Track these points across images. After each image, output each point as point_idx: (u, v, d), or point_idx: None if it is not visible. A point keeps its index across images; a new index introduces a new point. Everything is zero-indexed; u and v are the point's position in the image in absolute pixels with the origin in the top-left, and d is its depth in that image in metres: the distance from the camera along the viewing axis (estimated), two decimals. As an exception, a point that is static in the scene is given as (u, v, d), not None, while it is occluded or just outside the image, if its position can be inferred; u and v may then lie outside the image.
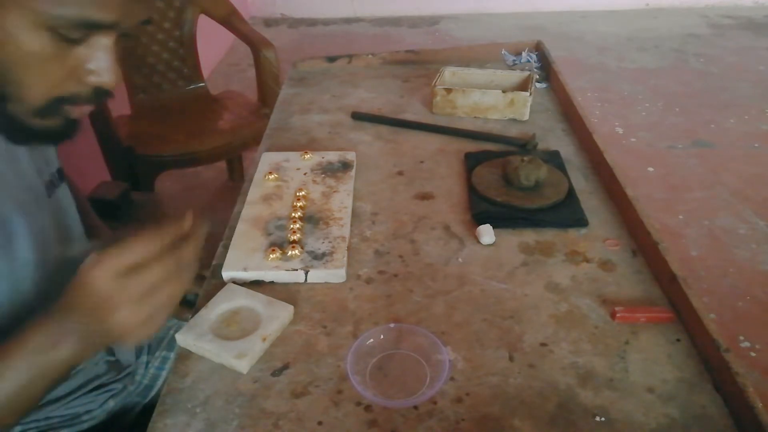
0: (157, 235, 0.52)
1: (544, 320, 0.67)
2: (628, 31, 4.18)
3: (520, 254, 0.78)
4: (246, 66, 3.51)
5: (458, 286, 0.73)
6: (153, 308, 0.52)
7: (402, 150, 1.04)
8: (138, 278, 0.51)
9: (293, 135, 1.10)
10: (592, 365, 0.62)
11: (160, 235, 0.52)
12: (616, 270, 0.75)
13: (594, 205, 0.87)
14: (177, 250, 0.53)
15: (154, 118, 2.03)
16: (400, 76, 1.34)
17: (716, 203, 2.28)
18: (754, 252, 2.02)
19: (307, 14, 4.64)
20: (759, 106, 3.02)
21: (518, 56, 1.35)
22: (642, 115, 2.99)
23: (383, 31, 4.36)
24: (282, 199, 0.86)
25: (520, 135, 1.07)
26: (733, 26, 4.26)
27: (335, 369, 0.62)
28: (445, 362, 0.61)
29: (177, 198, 2.39)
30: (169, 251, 0.52)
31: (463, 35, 4.18)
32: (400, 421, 0.56)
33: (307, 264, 0.74)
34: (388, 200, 0.90)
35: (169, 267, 0.52)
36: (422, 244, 0.80)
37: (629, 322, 0.66)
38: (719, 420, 0.56)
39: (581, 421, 0.56)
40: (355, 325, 0.67)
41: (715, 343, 0.59)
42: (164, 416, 0.57)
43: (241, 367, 0.61)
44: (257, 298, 0.68)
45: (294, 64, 1.38)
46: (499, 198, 0.86)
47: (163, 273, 0.52)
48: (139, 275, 0.51)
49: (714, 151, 2.65)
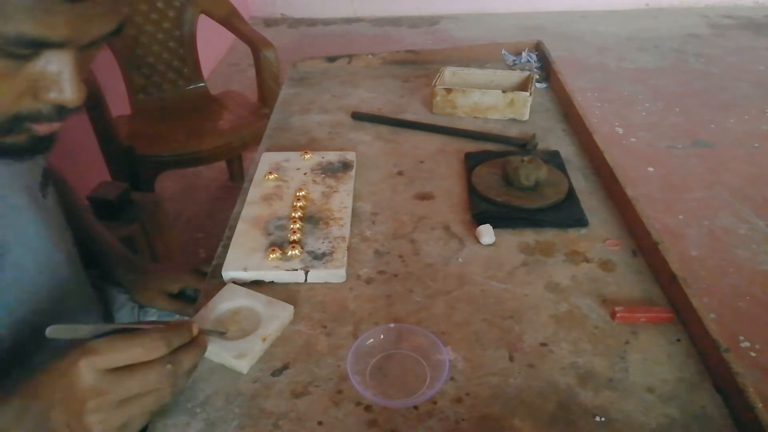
0: (163, 341, 0.48)
1: (544, 320, 0.67)
2: (628, 31, 4.18)
3: (520, 254, 0.78)
4: (246, 66, 3.51)
5: (458, 286, 0.73)
6: (130, 416, 0.48)
7: (402, 150, 1.04)
8: (127, 381, 0.47)
9: (293, 135, 1.10)
10: (592, 365, 0.62)
11: (166, 342, 0.49)
12: (616, 270, 0.75)
13: (594, 205, 0.87)
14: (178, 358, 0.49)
15: (154, 118, 2.04)
16: (400, 76, 1.34)
17: (716, 203, 2.28)
18: (754, 252, 2.02)
19: (307, 14, 4.64)
20: (759, 106, 3.02)
21: (518, 56, 1.35)
22: (642, 115, 3.00)
23: (383, 31, 4.37)
24: (282, 199, 0.86)
25: (520, 135, 1.07)
26: (733, 26, 4.26)
27: (335, 369, 0.62)
28: (445, 362, 0.61)
29: (177, 198, 2.39)
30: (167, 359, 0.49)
31: (463, 35, 4.18)
32: (400, 421, 0.56)
33: (307, 264, 0.74)
34: (388, 200, 0.90)
35: (161, 378, 0.48)
36: (422, 244, 0.80)
37: (629, 322, 0.66)
38: (719, 420, 0.56)
39: (581, 421, 0.56)
40: (355, 325, 0.67)
41: (715, 343, 0.59)
42: (164, 416, 0.57)
43: (241, 367, 0.61)
44: (257, 298, 0.68)
45: (294, 64, 1.38)
46: (499, 198, 0.86)
47: (155, 383, 0.48)
48: (130, 378, 0.47)
49: (714, 151, 2.65)
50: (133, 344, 0.47)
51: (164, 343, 0.48)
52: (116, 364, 0.47)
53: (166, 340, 0.49)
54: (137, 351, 0.47)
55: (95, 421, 0.46)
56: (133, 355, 0.47)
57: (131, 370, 0.47)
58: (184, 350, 0.51)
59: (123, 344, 0.47)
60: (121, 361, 0.47)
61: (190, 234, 2.18)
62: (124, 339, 0.48)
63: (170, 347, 0.49)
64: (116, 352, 0.47)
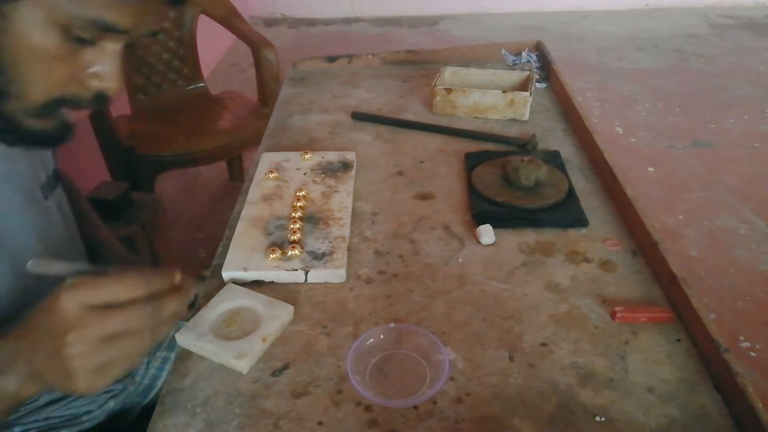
0: (143, 280, 0.48)
1: (544, 320, 0.67)
2: (628, 31, 4.18)
3: (520, 254, 0.78)
4: (246, 66, 3.51)
5: (458, 286, 0.73)
6: (110, 357, 0.47)
7: (402, 150, 1.04)
8: (108, 317, 0.46)
9: (293, 135, 1.10)
10: (592, 365, 0.62)
11: (147, 281, 0.48)
12: (616, 270, 0.75)
13: (594, 205, 0.87)
14: (159, 302, 0.49)
15: (154, 118, 2.03)
16: (400, 76, 1.34)
17: (716, 203, 2.28)
18: (754, 252, 2.02)
19: (307, 14, 4.64)
20: (759, 106, 3.02)
21: (518, 56, 1.35)
22: (642, 115, 2.99)
23: (383, 31, 4.37)
24: (282, 199, 0.86)
25: (520, 135, 1.07)
26: (733, 26, 4.26)
27: (335, 369, 0.62)
28: (445, 362, 0.61)
29: (177, 198, 2.39)
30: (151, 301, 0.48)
31: (463, 35, 4.18)
32: (400, 421, 0.56)
33: (307, 264, 0.74)
34: (388, 200, 0.90)
35: (144, 318, 0.48)
36: (422, 244, 0.80)
37: (629, 322, 0.66)
38: (719, 420, 0.56)
39: (581, 421, 0.56)
40: (355, 325, 0.67)
41: (715, 343, 0.59)
42: (164, 416, 0.57)
43: (241, 367, 0.61)
44: (257, 298, 0.68)
45: (294, 64, 1.38)
46: (499, 198, 0.86)
47: (136, 323, 0.47)
48: (110, 315, 0.46)
49: (714, 151, 2.65)
50: (114, 281, 0.48)
51: (144, 282, 0.48)
52: (97, 301, 0.47)
53: (147, 281, 0.49)
54: (119, 288, 0.47)
55: (75, 353, 0.46)
56: (115, 291, 0.47)
57: (112, 309, 0.47)
58: (166, 295, 0.50)
59: (104, 281, 0.48)
60: (101, 296, 0.47)
61: (190, 234, 2.18)
62: (106, 277, 0.48)
63: (150, 288, 0.49)
64: (98, 287, 0.47)
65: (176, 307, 0.51)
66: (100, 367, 0.47)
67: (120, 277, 0.48)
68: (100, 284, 0.47)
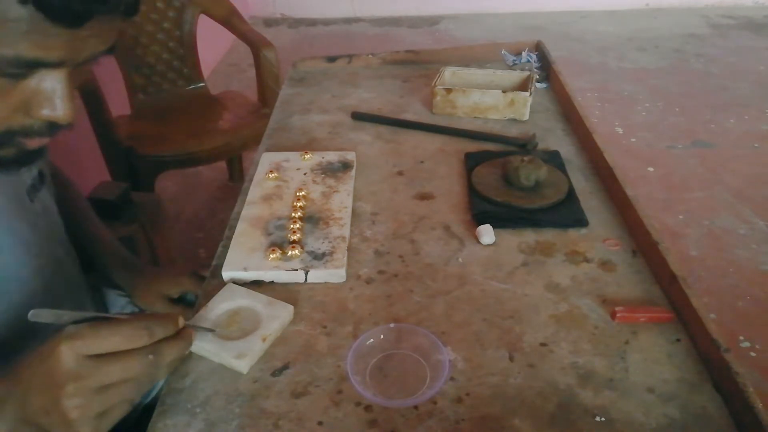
0: (144, 330, 0.48)
1: (544, 320, 0.67)
2: (628, 31, 4.18)
3: (520, 254, 0.78)
4: (246, 66, 3.51)
5: (458, 286, 0.73)
6: (109, 404, 0.47)
7: (402, 150, 1.04)
8: (108, 368, 0.46)
9: (293, 135, 1.10)
10: (592, 365, 0.62)
11: (149, 332, 0.48)
12: (616, 270, 0.75)
13: (594, 205, 0.87)
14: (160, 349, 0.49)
15: (154, 118, 2.03)
16: (400, 76, 1.34)
17: (716, 203, 2.28)
18: (754, 252, 2.02)
19: (307, 14, 4.64)
20: (759, 106, 3.02)
21: (518, 56, 1.35)
22: (642, 115, 3.00)
23: (383, 31, 4.37)
24: (282, 199, 0.86)
25: (520, 135, 1.07)
26: (733, 26, 4.27)
27: (335, 369, 0.62)
28: (445, 362, 0.61)
29: (177, 198, 2.39)
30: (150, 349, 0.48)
31: (463, 35, 4.18)
32: (400, 421, 0.56)
33: (307, 264, 0.74)
34: (388, 200, 0.90)
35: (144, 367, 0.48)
36: (422, 244, 0.80)
37: (629, 322, 0.66)
38: (719, 420, 0.56)
39: (581, 421, 0.56)
40: (355, 325, 0.67)
41: (715, 343, 0.59)
42: (164, 416, 0.57)
43: (241, 367, 0.61)
44: (257, 298, 0.68)
45: (294, 64, 1.38)
46: (499, 198, 0.86)
47: (136, 371, 0.48)
48: (110, 365, 0.46)
49: (714, 151, 2.65)
50: (115, 332, 0.47)
51: (147, 332, 0.48)
52: (97, 351, 0.46)
53: (149, 330, 0.48)
54: (119, 339, 0.47)
55: (73, 406, 0.46)
56: (115, 342, 0.47)
57: (112, 358, 0.46)
58: (167, 342, 0.50)
59: (105, 331, 0.47)
60: (102, 347, 0.46)
61: (190, 234, 2.18)
62: (107, 326, 0.47)
63: (153, 338, 0.49)
64: (98, 338, 0.46)
65: (177, 354, 0.51)
66: (97, 415, 0.47)
67: (121, 327, 0.47)
68: (101, 335, 0.47)
